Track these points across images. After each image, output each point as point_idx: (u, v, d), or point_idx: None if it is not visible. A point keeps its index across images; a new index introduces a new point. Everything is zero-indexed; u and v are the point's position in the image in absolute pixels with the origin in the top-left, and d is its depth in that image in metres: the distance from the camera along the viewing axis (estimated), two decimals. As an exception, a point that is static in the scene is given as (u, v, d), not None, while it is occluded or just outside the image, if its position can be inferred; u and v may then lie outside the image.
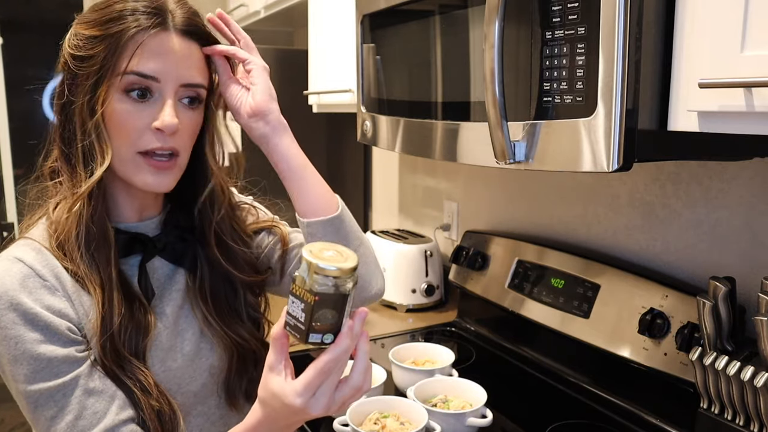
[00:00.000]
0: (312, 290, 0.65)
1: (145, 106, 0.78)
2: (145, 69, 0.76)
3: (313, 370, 0.67)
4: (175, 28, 0.78)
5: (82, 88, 0.77)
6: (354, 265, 0.67)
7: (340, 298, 0.66)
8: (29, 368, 0.74)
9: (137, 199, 0.86)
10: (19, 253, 0.78)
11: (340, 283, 0.66)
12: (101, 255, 0.79)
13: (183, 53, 0.79)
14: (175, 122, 0.78)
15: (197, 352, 0.88)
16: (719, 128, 0.70)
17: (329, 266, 0.65)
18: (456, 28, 1.01)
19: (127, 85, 0.77)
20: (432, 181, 2.01)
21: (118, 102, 0.77)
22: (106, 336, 0.77)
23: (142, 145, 0.78)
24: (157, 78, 0.77)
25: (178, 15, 0.79)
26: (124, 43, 0.76)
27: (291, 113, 2.43)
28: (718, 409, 0.99)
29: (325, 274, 0.65)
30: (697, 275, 1.19)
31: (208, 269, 0.90)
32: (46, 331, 0.75)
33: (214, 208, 0.90)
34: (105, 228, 0.80)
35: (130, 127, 0.77)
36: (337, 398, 0.70)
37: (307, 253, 0.66)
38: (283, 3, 2.17)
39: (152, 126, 0.78)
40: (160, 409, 0.79)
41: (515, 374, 1.44)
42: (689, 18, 0.71)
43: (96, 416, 0.75)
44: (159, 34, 0.77)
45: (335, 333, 0.68)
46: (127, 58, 0.76)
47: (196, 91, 0.82)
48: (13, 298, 0.74)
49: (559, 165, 0.81)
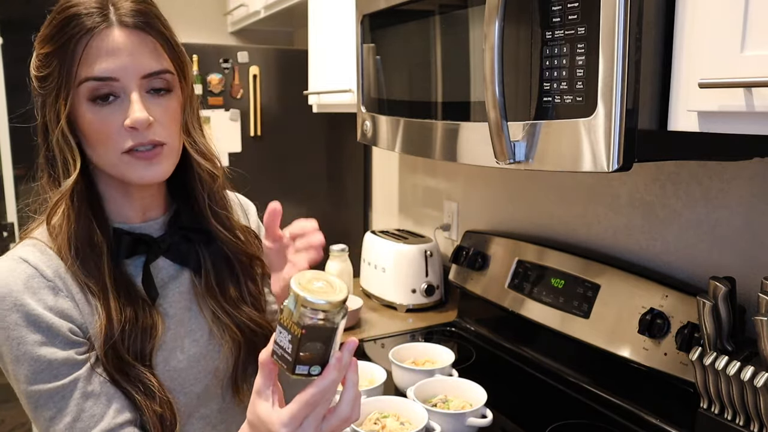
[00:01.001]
0: (299, 323, 0.64)
1: (114, 107, 0.77)
2: (98, 72, 0.75)
3: (299, 402, 0.66)
4: (120, 21, 0.76)
5: (47, 106, 0.78)
6: (343, 297, 0.65)
7: (328, 331, 0.65)
8: (29, 369, 0.75)
9: (137, 199, 0.86)
10: (23, 253, 0.78)
11: (329, 317, 0.64)
12: (90, 264, 0.79)
13: (133, 44, 0.77)
14: (144, 116, 0.76)
15: (204, 354, 0.88)
16: (719, 128, 0.70)
17: (317, 300, 0.63)
18: (456, 28, 1.01)
19: (89, 92, 0.76)
20: (432, 181, 2.01)
21: (88, 111, 0.77)
22: (108, 345, 0.77)
23: (123, 146, 0.78)
24: (114, 77, 0.76)
25: (122, 6, 0.77)
26: (71, 51, 0.75)
27: (291, 113, 2.45)
28: (718, 409, 0.99)
29: (313, 308, 0.63)
30: (697, 275, 1.19)
31: (212, 262, 0.90)
32: (47, 333, 0.75)
33: (204, 190, 0.89)
34: (91, 238, 0.80)
35: (106, 132, 0.77)
36: (324, 429, 0.69)
37: (296, 285, 0.64)
38: (283, 3, 2.17)
39: (124, 125, 0.77)
40: (163, 413, 0.79)
41: (515, 374, 1.44)
42: (689, 18, 0.71)
43: (93, 419, 0.76)
44: (103, 32, 0.75)
45: (323, 365, 0.66)
46: (76, 65, 0.75)
47: (161, 78, 0.79)
48: (17, 299, 0.74)
49: (559, 165, 0.81)
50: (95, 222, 0.80)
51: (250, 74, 2.13)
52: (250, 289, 0.94)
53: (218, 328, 0.89)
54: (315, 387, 0.66)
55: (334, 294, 0.65)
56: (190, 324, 0.88)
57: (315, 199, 2.32)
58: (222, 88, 2.09)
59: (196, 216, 0.90)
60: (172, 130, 0.82)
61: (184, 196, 0.91)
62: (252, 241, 0.95)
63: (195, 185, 0.89)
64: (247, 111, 2.15)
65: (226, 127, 2.11)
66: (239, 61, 2.10)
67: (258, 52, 2.14)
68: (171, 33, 0.82)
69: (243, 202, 1.04)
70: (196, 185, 0.89)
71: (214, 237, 0.90)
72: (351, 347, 0.70)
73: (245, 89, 2.13)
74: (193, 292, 0.89)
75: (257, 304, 0.94)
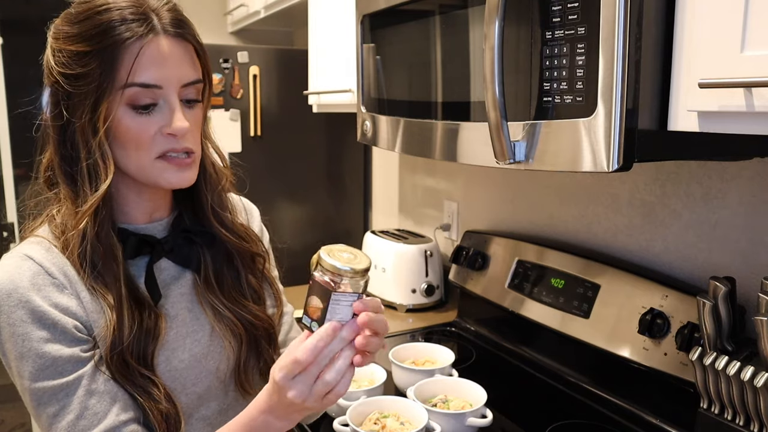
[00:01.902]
0: (311, 277, 0.73)
1: (153, 115, 0.78)
2: (146, 79, 0.75)
3: (288, 354, 0.71)
4: (165, 30, 0.77)
5: (81, 107, 0.76)
6: (351, 268, 0.71)
7: (327, 292, 0.72)
8: (34, 366, 0.75)
9: (148, 201, 0.86)
10: (28, 250, 0.79)
11: (335, 279, 0.72)
12: (108, 273, 0.79)
13: (178, 54, 0.78)
14: (186, 125, 0.78)
15: (206, 354, 0.88)
16: (719, 128, 0.70)
17: (327, 258, 0.72)
18: (456, 28, 1.01)
19: (131, 98, 0.76)
20: (432, 181, 2.01)
21: (125, 117, 0.76)
22: (115, 351, 0.77)
23: (158, 151, 0.79)
24: (159, 85, 0.77)
25: (164, 16, 0.78)
26: (119, 56, 0.74)
27: (291, 113, 2.45)
28: (718, 409, 0.99)
29: (322, 265, 0.72)
30: (697, 275, 1.19)
31: (211, 258, 0.90)
32: (52, 330, 0.75)
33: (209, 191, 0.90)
34: (112, 245, 0.80)
35: (143, 138, 0.78)
36: (314, 391, 0.71)
37: (324, 248, 0.73)
38: (283, 3, 2.17)
39: (164, 132, 0.78)
40: (168, 412, 0.80)
41: (515, 374, 1.44)
42: (689, 18, 0.71)
43: (97, 417, 0.76)
44: (152, 41, 0.76)
45: (321, 324, 0.73)
46: (125, 70, 0.75)
47: (196, 87, 0.82)
48: (23, 296, 0.75)
49: (559, 165, 0.81)
50: (110, 225, 0.81)
51: (250, 74, 2.13)
52: (250, 283, 0.94)
53: (219, 325, 0.90)
54: (304, 345, 0.71)
55: (346, 262, 0.72)
56: (191, 324, 0.88)
57: (315, 199, 2.32)
58: (222, 88, 2.09)
59: (198, 217, 0.91)
60: (198, 139, 0.84)
61: (188, 198, 0.91)
62: (253, 239, 0.96)
63: (201, 187, 0.89)
64: (247, 111, 2.15)
65: (226, 127, 2.11)
66: (239, 61, 2.10)
67: (258, 52, 2.14)
68: (201, 41, 0.84)
69: (247, 206, 1.04)
70: (202, 187, 0.89)
71: (216, 238, 0.91)
72: (353, 326, 0.73)
73: (245, 89, 2.13)
74: (195, 292, 0.90)
75: (257, 299, 0.95)
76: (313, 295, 0.74)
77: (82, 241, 0.78)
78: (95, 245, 0.78)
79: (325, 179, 2.34)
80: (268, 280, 0.98)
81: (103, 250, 0.79)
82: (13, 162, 2.60)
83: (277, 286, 1.01)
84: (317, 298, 0.73)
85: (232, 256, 0.92)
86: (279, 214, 2.24)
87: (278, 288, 1.01)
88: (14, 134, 2.60)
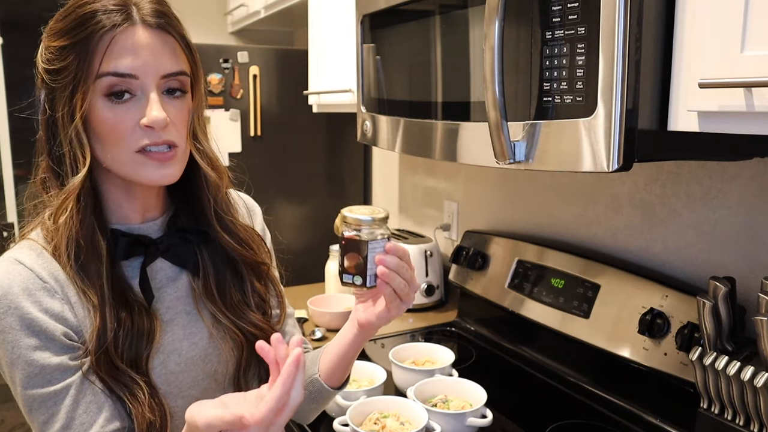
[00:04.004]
0: (342, 236, 0.83)
1: (130, 105, 0.76)
2: (119, 68, 0.75)
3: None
4: (143, 20, 0.76)
5: (60, 100, 0.76)
6: (372, 218, 0.82)
7: (363, 243, 0.81)
8: (23, 373, 0.75)
9: (139, 200, 0.85)
10: (19, 255, 0.78)
11: (363, 231, 0.81)
12: (91, 269, 0.78)
13: (156, 45, 0.77)
14: (163, 116, 0.76)
15: (203, 357, 0.87)
16: (719, 128, 0.70)
17: (351, 214, 0.82)
18: (456, 28, 1.01)
19: (106, 88, 0.75)
20: (432, 181, 2.01)
21: (102, 107, 0.76)
22: (100, 351, 0.76)
23: (136, 144, 0.77)
24: (135, 75, 0.75)
25: (144, 7, 0.77)
26: (93, 46, 0.74)
27: (291, 113, 2.44)
28: (718, 409, 0.99)
29: (346, 222, 0.82)
30: (697, 275, 1.19)
31: (212, 264, 0.89)
32: (42, 337, 0.75)
33: (210, 194, 0.88)
34: (94, 240, 0.79)
35: (120, 130, 0.76)
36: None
37: (345, 208, 0.84)
38: (283, 3, 2.17)
39: (141, 123, 0.77)
40: (153, 421, 0.78)
41: (515, 374, 1.44)
42: (689, 18, 0.71)
43: (83, 426, 0.76)
44: (127, 30, 0.75)
45: (362, 275, 0.82)
46: (98, 60, 0.74)
47: (178, 79, 0.80)
48: (13, 302, 0.74)
49: (559, 165, 0.81)
50: (97, 223, 0.80)
51: (250, 74, 2.13)
52: (255, 289, 0.93)
53: (218, 331, 0.88)
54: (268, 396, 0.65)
55: (370, 214, 0.82)
56: (188, 327, 0.87)
57: (315, 199, 2.32)
58: (222, 88, 2.09)
59: (197, 218, 0.90)
60: (183, 133, 0.82)
61: (184, 197, 0.90)
62: (257, 242, 0.95)
63: (201, 189, 0.88)
64: (247, 111, 2.15)
65: (226, 127, 2.11)
66: (239, 61, 2.10)
67: (258, 52, 2.14)
68: (188, 35, 0.83)
69: (249, 204, 1.02)
70: (203, 189, 0.88)
71: (213, 238, 0.90)
72: (294, 360, 0.66)
73: (245, 89, 2.13)
74: (192, 294, 0.88)
75: (262, 305, 0.94)
76: (348, 253, 0.82)
77: (68, 238, 0.77)
78: (78, 241, 0.77)
79: (325, 179, 2.34)
80: (272, 281, 0.98)
81: (86, 246, 0.78)
82: (13, 162, 2.60)
83: (279, 287, 1.00)
84: (353, 253, 0.82)
85: (234, 264, 0.91)
86: (279, 214, 2.24)
87: (280, 289, 1.00)
88: (14, 134, 2.60)
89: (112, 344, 0.77)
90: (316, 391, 0.95)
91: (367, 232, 0.82)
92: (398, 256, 0.83)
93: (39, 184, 0.84)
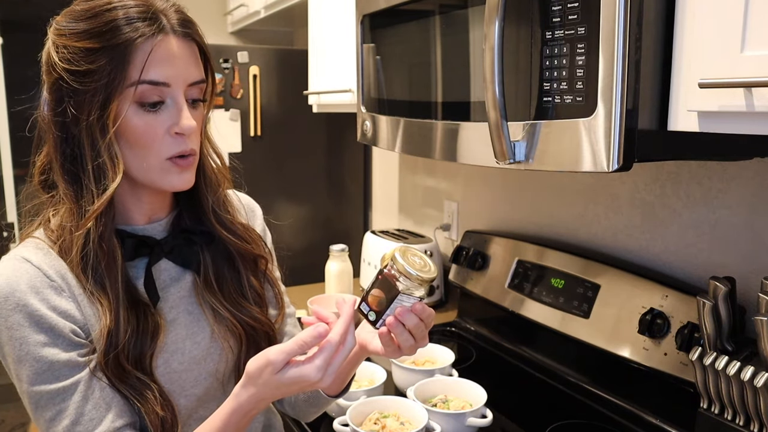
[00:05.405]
0: (381, 270, 0.79)
1: (160, 113, 0.78)
2: (156, 76, 0.76)
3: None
4: (174, 30, 0.78)
5: (90, 105, 0.76)
6: (421, 278, 0.77)
7: (395, 291, 0.78)
8: (31, 370, 0.75)
9: (147, 203, 0.86)
10: (26, 253, 0.78)
11: (404, 282, 0.77)
12: (109, 276, 0.79)
13: (185, 54, 0.79)
14: (193, 124, 0.79)
15: (205, 356, 0.88)
16: (719, 128, 0.70)
17: (406, 265, 0.77)
18: (456, 28, 1.01)
19: (139, 96, 0.76)
20: (432, 181, 2.01)
21: (134, 115, 0.76)
22: (111, 353, 0.77)
23: (168, 152, 0.79)
24: (168, 83, 0.77)
25: (172, 16, 0.79)
26: (130, 54, 0.75)
27: (291, 113, 2.44)
28: (718, 409, 0.99)
29: (397, 268, 0.77)
30: (697, 275, 1.19)
31: (212, 261, 0.90)
32: (50, 334, 0.75)
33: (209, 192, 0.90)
34: (113, 248, 0.79)
35: (152, 138, 0.78)
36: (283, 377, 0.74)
37: (399, 249, 0.79)
38: (283, 3, 2.17)
39: (172, 131, 0.78)
40: (164, 416, 0.79)
41: (515, 374, 1.44)
42: (689, 18, 0.71)
43: (92, 422, 0.76)
44: (163, 40, 0.77)
45: (378, 314, 0.79)
46: (136, 68, 0.75)
47: (200, 87, 0.82)
48: (20, 300, 0.74)
49: (559, 165, 0.81)
50: (113, 227, 0.80)
51: (250, 74, 2.13)
52: (252, 285, 0.94)
53: (219, 326, 0.89)
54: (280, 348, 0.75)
55: (419, 270, 0.78)
56: (191, 326, 0.87)
57: (315, 199, 2.32)
58: (222, 88, 2.09)
59: (198, 217, 0.90)
60: (199, 139, 0.84)
61: (187, 198, 0.91)
62: (255, 239, 0.95)
63: (201, 188, 0.89)
64: (247, 111, 2.15)
65: (226, 127, 2.11)
66: (239, 61, 2.10)
67: (258, 52, 2.14)
68: (206, 43, 0.85)
69: (248, 204, 1.03)
70: (203, 188, 0.89)
71: (216, 238, 0.90)
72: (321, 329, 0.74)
73: (245, 89, 2.13)
74: (195, 293, 0.89)
75: (259, 300, 0.94)
76: (377, 288, 0.79)
77: (85, 244, 0.77)
78: (97, 247, 0.78)
79: (325, 179, 2.34)
80: (270, 281, 0.98)
81: (104, 252, 0.78)
82: (13, 162, 2.60)
83: (280, 287, 1.01)
84: (382, 291, 0.79)
85: (233, 257, 0.92)
86: (279, 214, 2.24)
87: (280, 289, 1.01)
88: (14, 134, 2.60)
89: (123, 347, 0.78)
90: (314, 396, 0.96)
91: (406, 284, 0.78)
92: (421, 319, 0.80)
93: (37, 183, 0.84)
